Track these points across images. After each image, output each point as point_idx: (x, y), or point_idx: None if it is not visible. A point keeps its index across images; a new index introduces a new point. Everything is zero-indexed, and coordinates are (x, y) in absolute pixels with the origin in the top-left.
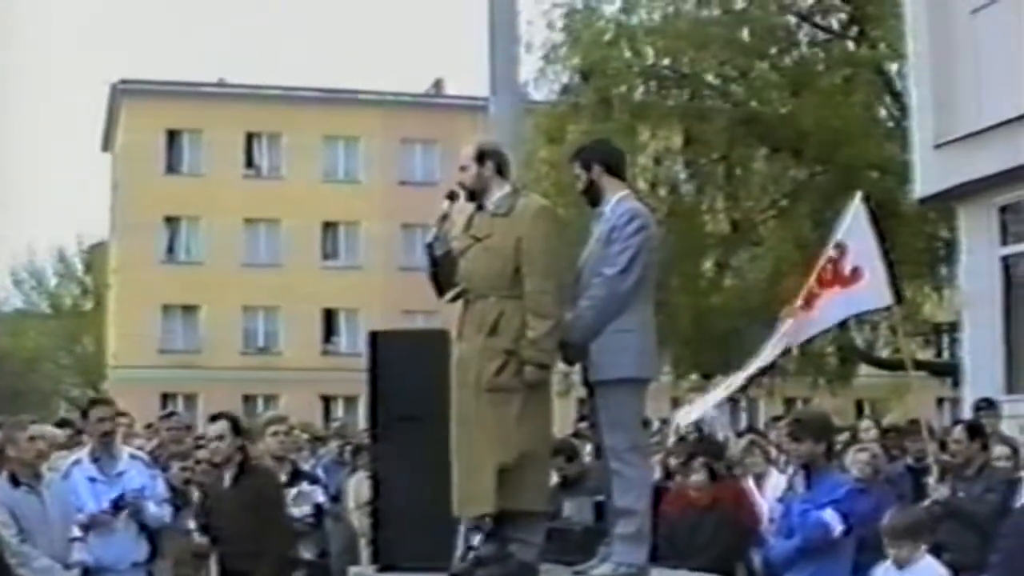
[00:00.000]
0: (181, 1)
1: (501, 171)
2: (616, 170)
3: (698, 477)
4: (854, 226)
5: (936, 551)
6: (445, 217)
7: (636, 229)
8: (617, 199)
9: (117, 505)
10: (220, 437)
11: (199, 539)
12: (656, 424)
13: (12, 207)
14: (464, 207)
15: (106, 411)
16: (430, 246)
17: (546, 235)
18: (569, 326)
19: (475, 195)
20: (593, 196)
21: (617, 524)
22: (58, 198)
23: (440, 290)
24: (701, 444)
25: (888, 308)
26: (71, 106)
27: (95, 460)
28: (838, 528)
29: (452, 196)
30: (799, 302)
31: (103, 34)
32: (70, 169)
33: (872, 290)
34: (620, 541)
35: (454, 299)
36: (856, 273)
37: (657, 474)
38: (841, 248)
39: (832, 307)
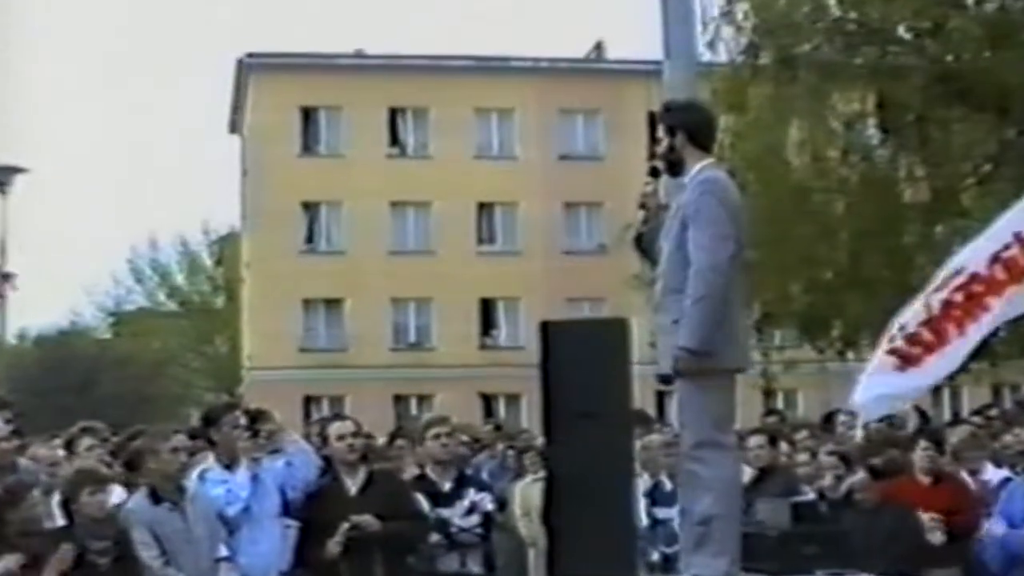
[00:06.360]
0: None
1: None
2: (701, 139)
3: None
4: None
5: None
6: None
7: (713, 203)
8: (698, 169)
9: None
10: (341, 437)
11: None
12: (843, 416)
13: (132, 197)
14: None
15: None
16: (637, 239)
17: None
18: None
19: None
20: (674, 164)
21: (694, 532)
22: (182, 186)
23: None
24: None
25: None
26: (194, 84)
27: (226, 467)
28: None
29: (654, 172)
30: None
31: (227, 5)
32: (194, 154)
33: None
34: (696, 552)
35: None
36: None
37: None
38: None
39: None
